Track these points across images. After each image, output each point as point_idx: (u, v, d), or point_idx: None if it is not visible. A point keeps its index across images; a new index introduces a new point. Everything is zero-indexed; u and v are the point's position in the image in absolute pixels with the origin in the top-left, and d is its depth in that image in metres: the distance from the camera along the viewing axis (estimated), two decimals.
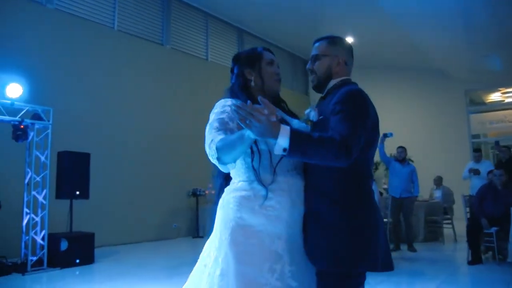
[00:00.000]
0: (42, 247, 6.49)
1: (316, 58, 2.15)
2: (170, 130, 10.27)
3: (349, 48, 2.20)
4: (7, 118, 6.31)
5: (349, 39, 12.87)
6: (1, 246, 6.33)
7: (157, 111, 10.07)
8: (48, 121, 6.68)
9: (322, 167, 1.88)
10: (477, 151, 8.98)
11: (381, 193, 8.40)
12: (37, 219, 6.56)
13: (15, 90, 6.29)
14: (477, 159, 8.55)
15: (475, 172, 8.24)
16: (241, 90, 2.18)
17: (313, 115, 2.07)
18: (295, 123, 2.21)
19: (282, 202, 1.94)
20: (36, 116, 6.60)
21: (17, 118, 6.37)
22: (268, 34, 13.61)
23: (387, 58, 13.72)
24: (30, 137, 6.57)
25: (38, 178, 6.64)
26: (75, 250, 6.67)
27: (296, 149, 1.73)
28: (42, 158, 6.66)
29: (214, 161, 1.96)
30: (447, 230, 8.96)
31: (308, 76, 2.43)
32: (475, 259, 6.43)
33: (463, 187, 9.06)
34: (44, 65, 7.84)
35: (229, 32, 12.75)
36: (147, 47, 10.18)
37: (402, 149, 7.98)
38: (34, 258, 6.36)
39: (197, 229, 10.26)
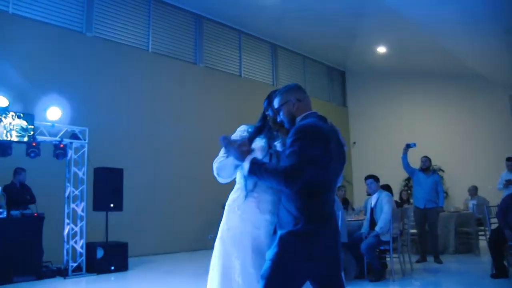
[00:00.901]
0: (81, 254, 7.15)
1: (278, 111, 2.58)
2: (203, 145, 10.71)
3: (294, 87, 2.60)
4: (48, 138, 7.03)
5: (381, 49, 12.94)
6: (46, 253, 6.99)
7: (191, 127, 10.61)
8: (85, 140, 7.35)
9: None
10: (510, 159, 8.70)
11: (398, 203, 8.32)
12: (77, 229, 7.21)
13: (55, 113, 7.01)
14: (510, 168, 8.32)
15: (509, 182, 8.02)
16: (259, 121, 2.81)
17: (278, 146, 2.62)
18: None
19: (250, 208, 2.54)
20: (74, 136, 7.29)
21: (57, 138, 7.09)
22: (302, 48, 13.92)
23: (421, 66, 13.60)
24: (69, 155, 7.28)
25: (76, 192, 7.32)
26: (110, 258, 7.26)
27: (252, 174, 2.32)
28: (80, 174, 7.34)
29: (215, 175, 2.65)
30: (483, 242, 8.72)
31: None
32: (499, 272, 6.27)
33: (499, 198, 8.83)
34: (80, 88, 8.57)
35: (262, 48, 13.17)
36: (181, 66, 10.79)
37: (426, 159, 7.93)
38: (74, 264, 7.03)
39: None
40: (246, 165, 2.33)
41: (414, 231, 7.93)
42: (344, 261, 6.10)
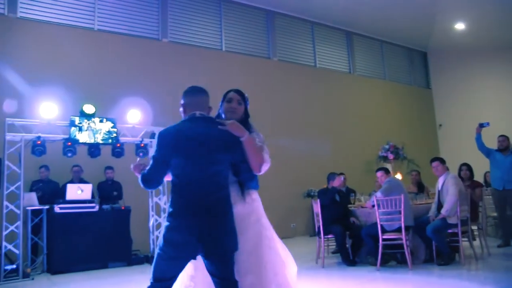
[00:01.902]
0: None
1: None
2: (284, 135, 11.05)
3: (184, 91, 2.82)
4: (130, 139, 7.77)
5: (460, 26, 12.25)
6: (135, 242, 7.75)
7: (268, 120, 10.92)
8: None
9: None
10: None
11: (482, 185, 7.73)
12: (160, 220, 7.89)
13: (135, 115, 7.74)
14: None
15: None
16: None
17: None
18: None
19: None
20: (153, 136, 7.96)
21: (138, 138, 7.81)
22: (379, 33, 13.59)
23: (501, 41, 12.68)
24: (149, 153, 7.95)
25: (159, 187, 7.98)
26: None
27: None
28: None
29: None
30: None
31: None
32: None
33: None
34: (158, 91, 9.25)
35: (336, 36, 13.09)
36: (255, 62, 11.15)
37: (504, 138, 7.43)
38: None
39: (314, 228, 10.81)
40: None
41: (495, 214, 7.50)
42: (413, 245, 6.06)
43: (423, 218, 6.12)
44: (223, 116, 2.95)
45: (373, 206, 5.87)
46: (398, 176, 7.39)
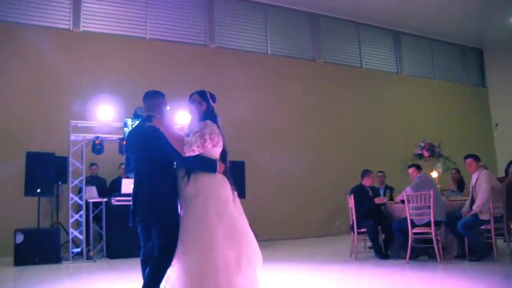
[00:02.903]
0: None
1: None
2: (329, 135, 11.37)
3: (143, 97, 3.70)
4: None
5: None
6: None
7: (315, 119, 11.30)
8: None
9: None
10: None
11: None
12: None
13: (182, 117, 8.36)
14: None
15: None
16: None
17: None
18: None
19: None
20: None
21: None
22: (429, 31, 13.50)
23: None
24: None
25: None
26: None
27: None
28: None
29: None
30: None
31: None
32: None
33: None
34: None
35: (383, 37, 13.18)
36: (300, 65, 11.52)
37: None
38: None
39: None
40: None
41: None
42: (445, 240, 6.22)
43: (456, 214, 6.24)
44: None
45: (402, 201, 6.10)
46: (434, 174, 7.50)
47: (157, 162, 3.19)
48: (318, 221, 10.80)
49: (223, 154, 3.33)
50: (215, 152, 3.25)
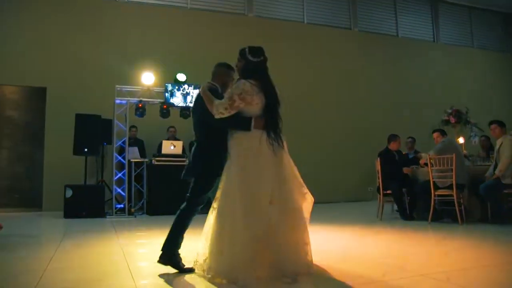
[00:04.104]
0: None
1: None
2: (362, 103, 11.50)
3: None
4: None
5: None
6: None
7: (349, 87, 11.44)
8: None
9: None
10: None
11: None
12: None
13: None
14: None
15: None
16: None
17: None
18: None
19: None
20: None
21: None
22: None
23: None
24: None
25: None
26: None
27: None
28: None
29: None
30: None
31: None
32: None
33: None
34: None
35: (420, 4, 12.99)
36: (337, 33, 11.61)
37: None
38: None
39: None
40: None
41: None
42: (468, 204, 6.40)
43: (481, 178, 6.38)
44: None
45: (426, 164, 6.31)
46: (461, 140, 7.61)
47: (203, 124, 3.46)
48: (351, 186, 11.05)
49: (267, 107, 3.30)
50: (253, 109, 3.25)
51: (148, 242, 5.06)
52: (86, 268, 3.63)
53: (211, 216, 3.30)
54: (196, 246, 3.41)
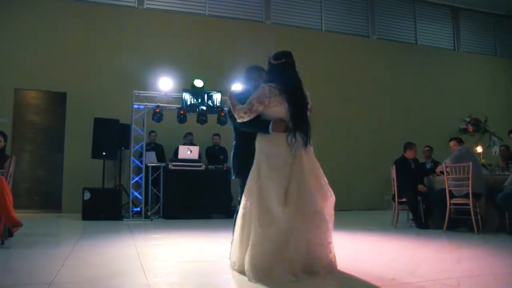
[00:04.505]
0: None
1: None
2: (381, 111, 11.46)
3: None
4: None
5: None
6: (235, 199, 8.91)
7: (368, 95, 11.41)
8: None
9: None
10: None
11: None
12: None
13: (238, 88, 8.81)
14: None
15: None
16: None
17: None
18: None
19: None
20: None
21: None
22: (491, 5, 13.04)
23: None
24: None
25: None
26: None
27: None
28: None
29: None
30: None
31: None
32: None
33: None
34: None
35: (440, 13, 12.92)
36: (353, 41, 11.62)
37: None
38: None
39: None
40: None
41: None
42: (485, 213, 6.32)
43: (499, 188, 6.29)
44: None
45: (442, 172, 6.26)
46: (479, 149, 7.53)
47: (236, 127, 3.65)
48: (366, 196, 10.98)
49: (290, 109, 3.32)
50: (275, 112, 3.30)
51: (163, 243, 5.14)
52: (100, 266, 3.72)
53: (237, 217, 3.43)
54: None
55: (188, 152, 8.48)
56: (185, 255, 4.35)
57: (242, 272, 3.18)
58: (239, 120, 3.34)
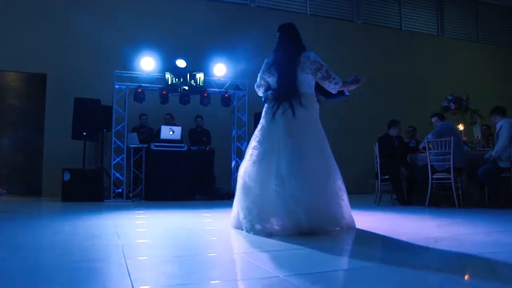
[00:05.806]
0: None
1: None
2: (360, 99, 11.40)
3: None
4: (217, 90, 8.83)
5: None
6: (218, 181, 8.89)
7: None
8: (245, 90, 8.91)
9: None
10: None
11: None
12: (241, 162, 8.89)
13: (220, 69, 8.76)
14: None
15: None
16: None
17: None
18: None
19: None
20: (236, 87, 8.94)
21: (223, 89, 8.84)
22: None
23: None
24: (233, 103, 8.96)
25: (240, 133, 9.03)
26: None
27: None
28: (243, 118, 8.99)
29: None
30: None
31: None
32: None
33: None
34: (242, 48, 10.08)
35: None
36: (338, 25, 11.58)
37: None
38: None
39: None
40: None
41: None
42: (466, 188, 6.36)
43: (480, 163, 6.32)
44: None
45: (424, 148, 6.27)
46: (460, 127, 7.58)
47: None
48: (351, 179, 10.90)
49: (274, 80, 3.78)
50: (271, 83, 3.86)
51: (144, 217, 5.08)
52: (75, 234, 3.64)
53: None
54: None
55: (170, 132, 8.38)
56: (164, 226, 4.29)
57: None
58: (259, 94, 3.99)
